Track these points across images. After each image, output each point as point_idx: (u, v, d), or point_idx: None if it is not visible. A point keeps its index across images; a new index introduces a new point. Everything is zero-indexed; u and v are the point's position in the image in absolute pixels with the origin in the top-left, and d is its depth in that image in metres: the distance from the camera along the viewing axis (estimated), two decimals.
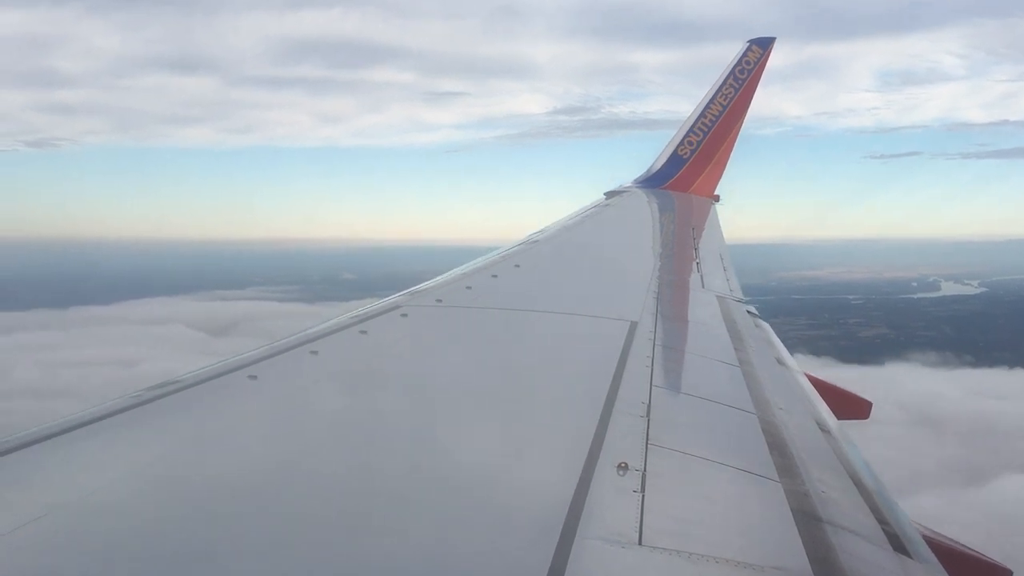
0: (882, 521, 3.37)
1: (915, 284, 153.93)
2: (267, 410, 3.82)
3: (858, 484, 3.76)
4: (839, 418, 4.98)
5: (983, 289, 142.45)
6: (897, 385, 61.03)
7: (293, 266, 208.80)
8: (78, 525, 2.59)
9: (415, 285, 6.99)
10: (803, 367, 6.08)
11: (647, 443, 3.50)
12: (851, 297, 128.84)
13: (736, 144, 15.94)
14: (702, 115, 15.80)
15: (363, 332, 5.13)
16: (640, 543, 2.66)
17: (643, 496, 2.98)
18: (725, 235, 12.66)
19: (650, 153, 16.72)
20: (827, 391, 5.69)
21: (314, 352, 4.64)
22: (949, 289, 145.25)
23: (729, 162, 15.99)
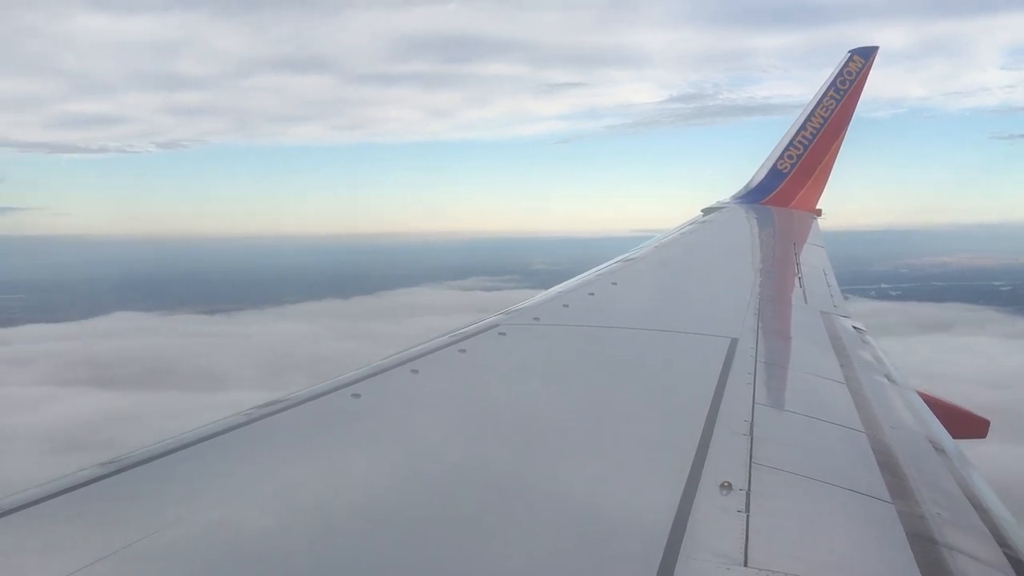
0: (1004, 545, 3.21)
1: None
2: (372, 428, 3.91)
3: (977, 506, 3.59)
4: (954, 437, 4.77)
5: None
6: None
7: (483, 257, 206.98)
8: (187, 544, 2.65)
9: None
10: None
11: (751, 462, 3.44)
12: (997, 283, 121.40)
13: (839, 156, 15.55)
14: (802, 128, 15.48)
15: (462, 351, 5.21)
16: (746, 564, 2.60)
17: (748, 516, 2.92)
18: (843, 222, 12.35)
19: (769, 139, 16.40)
20: (941, 409, 5.47)
21: (414, 371, 4.73)
22: None
23: (832, 175, 15.59)
